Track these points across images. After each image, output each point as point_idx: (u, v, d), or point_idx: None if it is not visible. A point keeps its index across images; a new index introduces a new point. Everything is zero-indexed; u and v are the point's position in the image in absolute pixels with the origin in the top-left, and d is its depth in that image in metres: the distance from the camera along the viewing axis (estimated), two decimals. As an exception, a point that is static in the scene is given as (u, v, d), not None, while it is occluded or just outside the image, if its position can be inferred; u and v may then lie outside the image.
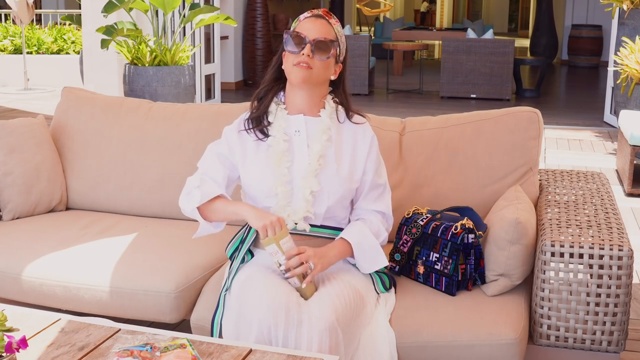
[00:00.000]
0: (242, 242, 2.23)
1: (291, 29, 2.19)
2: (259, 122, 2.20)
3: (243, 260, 2.20)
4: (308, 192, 2.12)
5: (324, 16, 2.17)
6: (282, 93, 2.24)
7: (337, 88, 2.25)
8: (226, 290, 2.16)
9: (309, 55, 2.09)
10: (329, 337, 1.88)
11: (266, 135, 2.19)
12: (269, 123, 2.20)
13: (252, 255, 2.22)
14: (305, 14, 2.19)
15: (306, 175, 2.13)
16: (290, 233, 2.15)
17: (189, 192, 2.20)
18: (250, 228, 2.22)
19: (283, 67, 2.18)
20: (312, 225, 2.16)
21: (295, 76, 2.12)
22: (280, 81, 2.23)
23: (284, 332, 1.90)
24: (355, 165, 2.20)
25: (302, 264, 2.01)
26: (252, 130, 2.20)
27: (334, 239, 2.19)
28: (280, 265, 2.01)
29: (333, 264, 2.12)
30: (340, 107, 2.24)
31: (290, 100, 2.21)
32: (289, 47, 2.13)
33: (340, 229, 2.21)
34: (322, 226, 2.18)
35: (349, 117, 2.24)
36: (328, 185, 2.14)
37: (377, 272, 2.22)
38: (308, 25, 2.14)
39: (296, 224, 2.14)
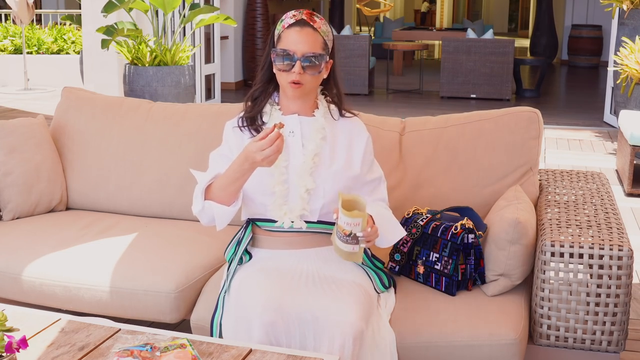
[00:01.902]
0: (239, 243, 2.23)
1: (276, 33, 2.14)
2: (253, 122, 2.20)
3: (241, 262, 2.21)
4: (303, 190, 2.12)
5: (307, 21, 2.11)
6: (276, 94, 2.23)
7: (328, 82, 2.22)
8: (225, 292, 2.16)
9: (300, 73, 2.06)
10: (354, 344, 1.89)
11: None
12: (263, 122, 2.19)
13: (250, 256, 2.22)
14: (289, 19, 2.12)
15: (301, 174, 2.13)
16: (287, 231, 2.15)
17: (195, 196, 2.15)
18: (246, 229, 2.21)
19: (275, 72, 2.14)
20: (308, 222, 2.16)
21: (290, 93, 2.12)
22: (273, 82, 2.21)
23: (285, 331, 1.90)
24: (352, 162, 2.19)
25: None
26: (246, 127, 2.20)
27: (330, 234, 2.19)
28: (351, 234, 1.93)
29: None
30: (332, 105, 2.23)
31: (284, 102, 2.21)
32: (278, 65, 2.09)
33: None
34: (318, 222, 2.18)
35: (341, 113, 2.23)
36: (323, 183, 2.14)
37: (375, 270, 2.22)
38: (294, 37, 2.08)
39: (292, 222, 2.14)
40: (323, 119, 2.19)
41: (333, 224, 2.21)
